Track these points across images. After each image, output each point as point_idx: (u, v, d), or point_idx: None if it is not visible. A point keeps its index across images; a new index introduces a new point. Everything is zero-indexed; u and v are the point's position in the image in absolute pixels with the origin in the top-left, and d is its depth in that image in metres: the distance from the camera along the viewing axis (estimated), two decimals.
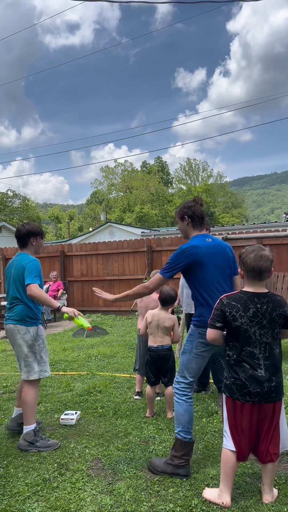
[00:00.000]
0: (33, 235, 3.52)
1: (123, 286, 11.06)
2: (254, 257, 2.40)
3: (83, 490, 2.60)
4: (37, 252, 3.59)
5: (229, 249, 3.00)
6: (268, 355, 2.38)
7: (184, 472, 2.73)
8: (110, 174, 60.57)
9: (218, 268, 2.87)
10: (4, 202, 43.97)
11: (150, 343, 3.91)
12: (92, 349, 6.88)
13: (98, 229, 28.27)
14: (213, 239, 2.99)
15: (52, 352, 6.82)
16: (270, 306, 2.41)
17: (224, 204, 61.64)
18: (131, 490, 2.58)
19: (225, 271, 2.91)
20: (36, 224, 3.73)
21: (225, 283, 2.89)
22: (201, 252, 2.85)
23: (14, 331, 3.36)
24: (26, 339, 3.34)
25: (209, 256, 2.86)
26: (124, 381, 4.98)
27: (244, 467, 2.81)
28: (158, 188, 55.39)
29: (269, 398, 2.36)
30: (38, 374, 3.36)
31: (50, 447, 3.22)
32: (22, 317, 3.36)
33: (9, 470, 2.91)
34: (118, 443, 3.27)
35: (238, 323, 2.39)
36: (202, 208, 3.06)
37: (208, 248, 2.90)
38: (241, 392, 2.38)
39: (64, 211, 65.97)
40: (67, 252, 11.90)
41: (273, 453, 2.40)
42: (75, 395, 4.50)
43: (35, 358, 3.36)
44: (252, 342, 2.39)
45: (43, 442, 3.25)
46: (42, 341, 3.43)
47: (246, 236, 7.13)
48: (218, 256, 2.90)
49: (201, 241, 2.93)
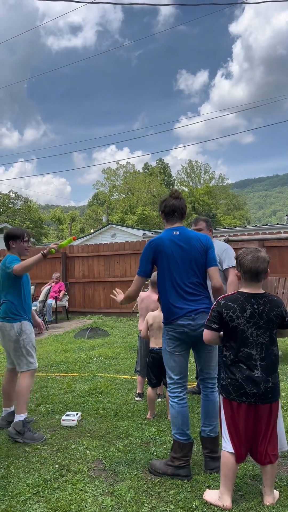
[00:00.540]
0: (12, 238, 3.70)
1: (124, 287, 10.93)
2: (251, 258, 2.41)
3: (84, 491, 2.60)
4: (22, 254, 3.76)
5: (199, 241, 2.88)
6: (264, 355, 2.38)
7: (185, 472, 2.72)
8: (112, 175, 60.69)
9: (180, 260, 2.83)
10: (6, 203, 44.04)
11: (152, 345, 3.91)
12: (94, 351, 6.88)
13: (100, 230, 28.32)
14: (182, 232, 2.90)
15: (53, 353, 6.83)
16: (267, 306, 2.41)
17: (226, 206, 61.66)
18: (132, 491, 2.58)
19: (190, 264, 2.84)
20: (20, 228, 3.93)
21: (191, 275, 2.83)
22: (161, 244, 2.86)
23: (1, 328, 3.59)
24: (11, 334, 3.54)
25: (169, 248, 2.84)
26: (125, 382, 4.98)
27: (245, 469, 2.81)
28: (159, 190, 55.42)
29: (265, 399, 2.36)
30: (27, 366, 3.56)
31: (35, 440, 3.35)
32: (6, 314, 3.56)
33: (10, 471, 2.91)
34: (119, 444, 3.27)
35: (235, 323, 2.40)
36: (176, 201, 2.97)
37: (170, 240, 2.86)
38: (237, 392, 2.38)
39: (66, 213, 66.11)
40: (69, 253, 11.91)
41: (272, 454, 2.40)
42: (76, 396, 4.50)
43: (21, 352, 3.55)
44: (249, 343, 2.39)
45: (30, 434, 3.40)
46: (27, 335, 3.59)
47: (248, 238, 7.12)
48: (183, 248, 2.84)
49: (167, 233, 2.90)
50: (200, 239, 2.90)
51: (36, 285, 11.19)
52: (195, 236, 2.90)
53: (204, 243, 2.89)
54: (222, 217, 54.95)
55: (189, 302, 2.81)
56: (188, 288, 2.83)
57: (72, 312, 11.60)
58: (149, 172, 63.72)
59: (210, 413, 2.86)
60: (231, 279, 4.06)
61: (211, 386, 2.90)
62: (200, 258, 2.86)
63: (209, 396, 2.89)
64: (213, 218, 51.52)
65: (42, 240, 46.79)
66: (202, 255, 2.87)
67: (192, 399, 4.20)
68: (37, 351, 3.91)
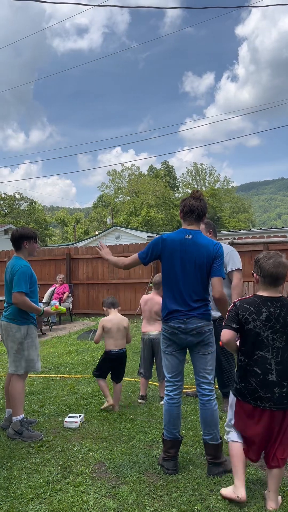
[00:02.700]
0: (26, 238, 3.71)
1: (128, 289, 11.06)
2: (273, 263, 2.40)
3: (86, 493, 2.60)
4: (31, 255, 3.79)
5: (208, 249, 2.81)
6: (280, 360, 2.37)
7: (167, 465, 2.86)
8: (117, 178, 60.77)
9: (185, 264, 2.82)
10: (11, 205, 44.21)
11: (111, 347, 4.16)
12: (97, 352, 6.88)
13: (104, 232, 28.36)
14: (195, 236, 2.85)
15: (56, 354, 6.84)
16: (283, 310, 2.40)
17: (230, 209, 61.56)
18: (134, 494, 2.57)
19: (194, 270, 2.81)
20: (30, 228, 3.96)
21: (193, 281, 2.82)
22: (165, 245, 2.88)
23: (7, 328, 3.62)
24: (16, 336, 3.58)
25: (177, 251, 2.83)
26: (128, 384, 4.97)
27: (248, 473, 2.79)
28: (164, 192, 55.48)
29: (280, 404, 2.34)
30: (24, 369, 3.61)
31: (32, 438, 3.43)
32: (14, 316, 3.61)
33: (12, 472, 2.91)
34: (122, 446, 3.27)
35: (250, 326, 2.39)
36: (195, 201, 2.92)
37: (181, 243, 2.84)
38: (252, 396, 2.37)
39: (70, 214, 66.25)
40: (73, 255, 11.93)
41: (280, 458, 2.39)
42: (79, 398, 4.50)
43: (23, 354, 3.59)
44: (264, 347, 2.38)
45: (28, 432, 3.47)
46: (32, 339, 3.65)
47: (252, 241, 7.11)
48: (191, 254, 2.81)
49: (180, 235, 2.88)
50: (210, 248, 2.83)
51: (40, 287, 11.22)
52: (206, 244, 2.84)
53: (212, 253, 2.82)
54: (227, 220, 54.86)
55: (184, 306, 2.83)
56: (186, 292, 2.83)
57: (76, 313, 11.62)
58: (154, 174, 63.75)
59: (209, 422, 2.85)
60: (235, 283, 4.05)
61: (207, 393, 2.87)
62: (206, 267, 2.83)
63: (206, 405, 2.87)
64: (218, 221, 51.44)
65: (46, 241, 46.94)
66: (208, 264, 2.83)
67: (195, 402, 4.19)
68: (40, 353, 3.93)
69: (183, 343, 2.87)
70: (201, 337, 2.82)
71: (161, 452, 3.00)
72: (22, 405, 3.60)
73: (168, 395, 2.94)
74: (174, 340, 2.88)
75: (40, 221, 45.43)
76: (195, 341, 2.83)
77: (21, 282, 3.50)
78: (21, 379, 3.62)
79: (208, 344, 2.86)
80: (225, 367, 4.05)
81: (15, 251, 3.75)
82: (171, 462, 2.87)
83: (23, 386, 3.64)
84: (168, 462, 2.87)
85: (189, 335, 2.82)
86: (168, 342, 2.91)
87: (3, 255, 12.84)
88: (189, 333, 2.81)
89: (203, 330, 2.82)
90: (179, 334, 2.84)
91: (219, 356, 3.91)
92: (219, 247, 2.87)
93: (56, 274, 11.53)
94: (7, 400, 3.81)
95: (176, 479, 2.76)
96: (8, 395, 3.78)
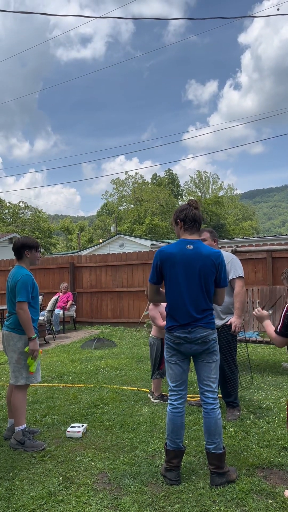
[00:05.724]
0: (28, 247, 3.72)
1: (132, 297, 11.05)
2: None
3: (88, 504, 2.58)
4: (33, 264, 3.81)
5: (211, 259, 2.81)
6: None
7: (170, 476, 2.84)
8: (121, 186, 61.05)
9: (188, 275, 2.80)
10: (16, 213, 44.45)
11: None
12: (100, 361, 6.87)
13: (108, 240, 28.41)
14: (196, 246, 2.84)
15: (60, 363, 6.82)
16: None
17: (234, 216, 61.59)
18: (137, 505, 2.55)
19: (199, 281, 2.80)
20: (32, 237, 3.96)
21: (197, 291, 2.81)
22: (164, 257, 2.86)
23: (8, 337, 3.62)
24: (18, 346, 3.57)
25: (175, 263, 2.82)
26: (131, 394, 4.95)
27: (251, 483, 2.76)
28: (168, 200, 55.64)
29: None
30: (25, 380, 3.58)
31: (35, 448, 3.42)
32: (16, 326, 3.59)
33: (14, 483, 2.90)
34: (124, 457, 3.25)
35: None
36: (196, 211, 2.94)
37: (182, 254, 2.82)
38: None
39: (75, 223, 66.49)
40: (77, 263, 11.95)
41: None
42: (82, 407, 4.49)
43: (24, 364, 3.57)
44: None
45: (30, 442, 3.47)
46: None
47: (256, 249, 7.09)
48: (191, 264, 2.80)
49: (180, 246, 2.86)
50: (212, 257, 2.82)
51: (44, 295, 11.24)
52: (209, 254, 2.83)
53: (216, 263, 2.82)
54: (231, 227, 54.86)
55: (188, 316, 2.83)
56: (190, 303, 2.82)
57: (80, 322, 11.61)
58: (157, 182, 63.99)
59: (213, 431, 2.83)
60: (237, 290, 4.06)
61: (211, 401, 2.85)
62: (210, 277, 2.82)
63: (210, 414, 2.85)
64: (222, 229, 51.43)
65: (51, 249, 47.07)
66: (213, 273, 2.83)
67: (198, 411, 4.17)
68: (43, 362, 3.92)
69: (188, 352, 2.87)
70: (206, 346, 2.83)
71: (163, 463, 2.98)
72: (24, 415, 3.60)
73: (171, 404, 2.92)
74: (179, 350, 2.87)
75: (44, 230, 45.62)
76: (200, 350, 2.83)
77: (22, 291, 3.51)
78: (23, 389, 3.62)
79: (213, 353, 2.87)
80: (229, 377, 4.03)
81: (17, 260, 3.78)
82: (173, 472, 2.84)
83: (25, 396, 3.64)
84: (170, 473, 2.85)
85: (194, 344, 2.82)
86: (173, 351, 2.90)
87: (7, 263, 12.89)
88: (194, 342, 2.81)
89: (208, 339, 2.82)
90: (184, 343, 2.83)
91: (223, 365, 3.90)
92: (221, 256, 2.88)
93: (60, 282, 11.55)
94: (9, 410, 3.81)
95: (179, 489, 2.73)
96: (10, 405, 3.78)
